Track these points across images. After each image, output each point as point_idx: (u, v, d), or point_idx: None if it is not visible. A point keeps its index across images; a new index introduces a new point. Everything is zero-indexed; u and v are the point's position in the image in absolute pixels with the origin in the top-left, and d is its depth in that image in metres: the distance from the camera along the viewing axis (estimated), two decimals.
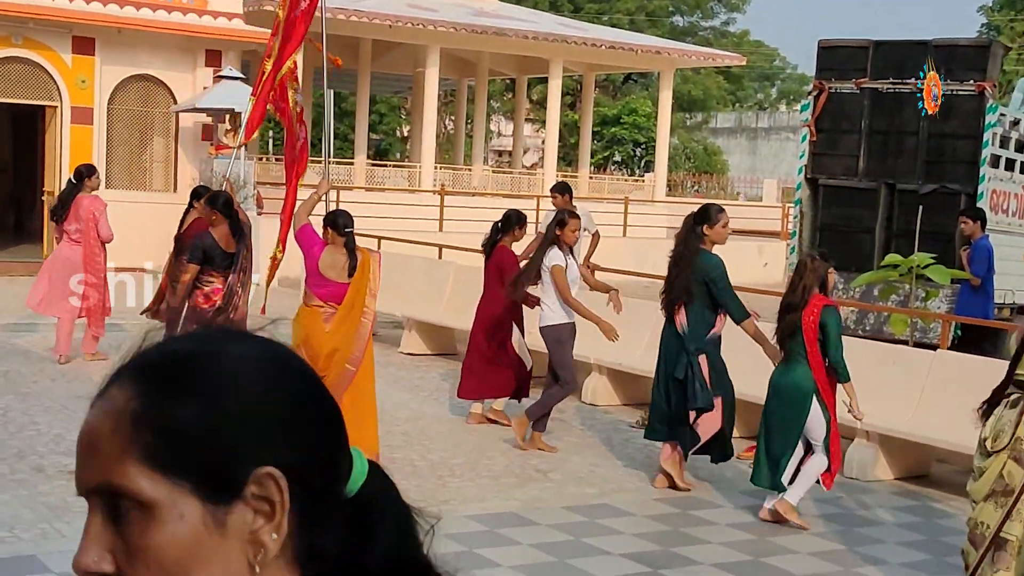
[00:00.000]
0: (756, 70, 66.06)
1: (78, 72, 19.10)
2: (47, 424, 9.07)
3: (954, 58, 12.80)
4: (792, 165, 61.21)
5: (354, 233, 8.39)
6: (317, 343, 7.95)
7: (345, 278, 8.12)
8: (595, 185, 30.74)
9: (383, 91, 39.64)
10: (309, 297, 8.20)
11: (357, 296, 8.07)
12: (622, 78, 52.13)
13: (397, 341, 13.78)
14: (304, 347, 7.91)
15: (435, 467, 8.47)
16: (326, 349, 7.96)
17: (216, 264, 9.30)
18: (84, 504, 4.64)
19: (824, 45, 13.67)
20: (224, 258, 9.32)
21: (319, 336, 8.00)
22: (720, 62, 32.09)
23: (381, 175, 28.32)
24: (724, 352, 8.22)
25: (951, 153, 12.79)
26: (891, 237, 13.13)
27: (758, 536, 7.29)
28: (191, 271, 9.22)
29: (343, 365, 8.00)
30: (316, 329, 8.02)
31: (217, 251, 9.29)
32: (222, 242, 9.31)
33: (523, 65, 30.55)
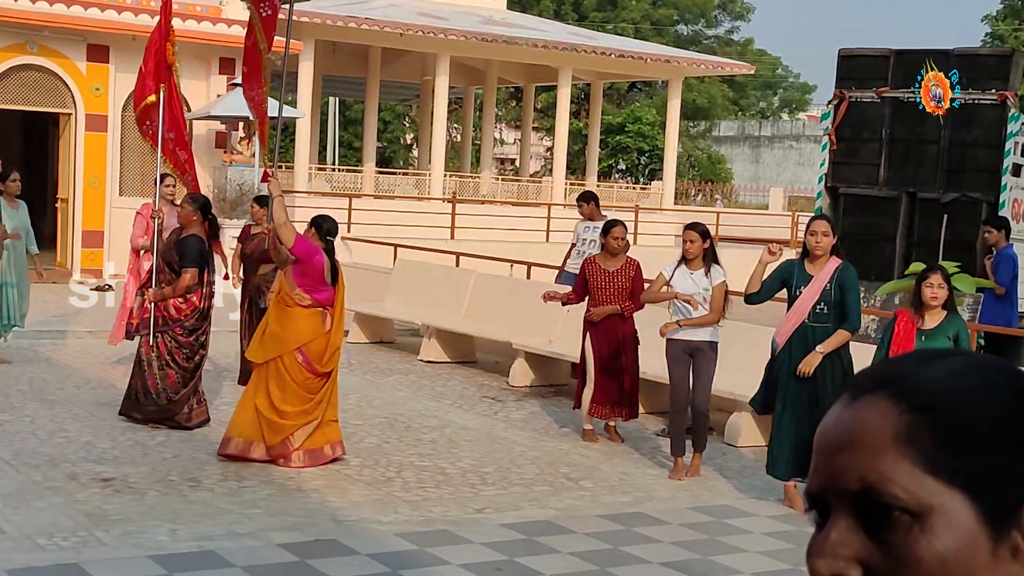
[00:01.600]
0: (759, 78, 66.09)
1: (92, 80, 19.11)
2: (76, 432, 9.05)
3: (975, 67, 12.81)
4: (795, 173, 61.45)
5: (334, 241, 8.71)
6: (322, 343, 8.40)
7: (331, 282, 8.48)
8: (603, 193, 30.70)
9: (389, 99, 39.63)
10: (302, 298, 8.38)
11: (344, 297, 8.62)
12: (627, 86, 52.17)
13: (416, 349, 13.77)
14: (307, 347, 8.33)
15: (466, 475, 8.45)
16: (331, 348, 8.45)
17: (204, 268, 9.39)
18: (123, 513, 4.67)
19: (844, 54, 13.68)
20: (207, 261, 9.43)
21: (322, 337, 8.42)
22: (728, 71, 32.11)
23: (389, 183, 28.32)
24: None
25: (972, 162, 12.79)
26: (911, 246, 13.13)
27: (797, 545, 7.27)
28: (195, 275, 9.21)
29: (337, 360, 8.61)
30: (319, 331, 8.40)
31: (208, 253, 9.39)
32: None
33: (531, 73, 30.58)
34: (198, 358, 9.34)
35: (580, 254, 12.57)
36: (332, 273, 8.51)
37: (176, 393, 9.23)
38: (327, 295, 8.42)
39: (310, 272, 8.36)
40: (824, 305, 7.79)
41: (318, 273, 8.35)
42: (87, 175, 19.24)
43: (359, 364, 13.08)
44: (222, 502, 7.41)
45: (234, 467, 8.28)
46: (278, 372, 8.34)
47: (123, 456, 8.41)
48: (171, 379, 9.24)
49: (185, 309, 9.25)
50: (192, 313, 9.27)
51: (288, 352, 8.34)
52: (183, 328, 9.26)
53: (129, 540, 6.57)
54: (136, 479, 7.81)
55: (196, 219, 9.32)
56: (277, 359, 8.36)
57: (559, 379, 12.34)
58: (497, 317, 13.13)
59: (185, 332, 9.26)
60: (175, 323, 9.25)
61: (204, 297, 9.33)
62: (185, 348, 9.27)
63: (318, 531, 6.92)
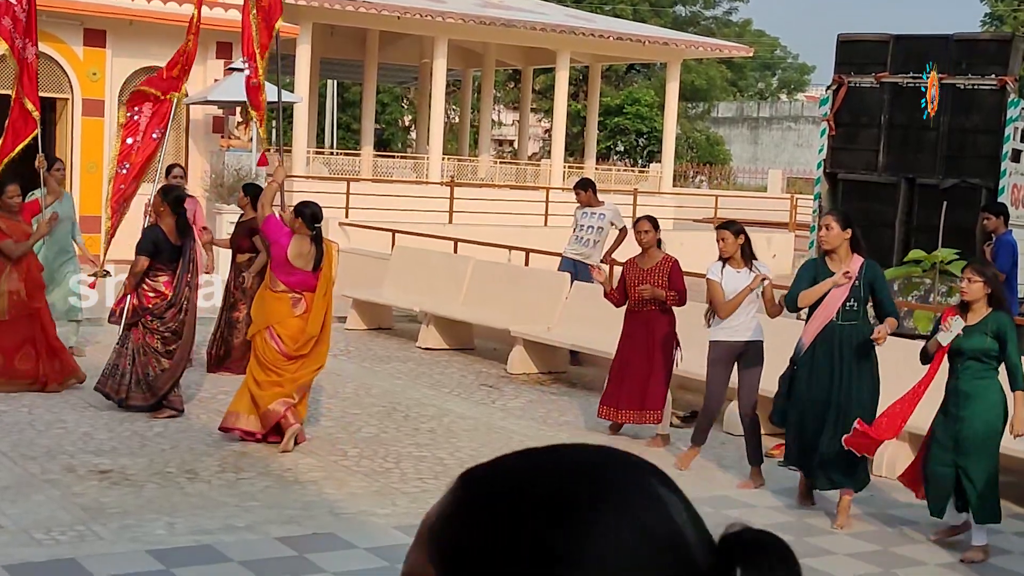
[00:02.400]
0: (757, 60, 65.92)
1: (89, 64, 19.03)
2: (74, 422, 9.03)
3: (975, 52, 12.76)
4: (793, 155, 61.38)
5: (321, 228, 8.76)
6: (295, 327, 8.55)
7: (310, 267, 8.57)
8: (601, 176, 30.66)
9: (387, 81, 39.50)
10: (274, 283, 8.60)
11: (327, 285, 8.65)
12: (625, 68, 52.02)
13: (414, 335, 13.75)
14: (276, 329, 8.52)
15: (464, 466, 8.32)
16: (309, 334, 8.57)
17: (163, 257, 9.39)
18: (120, 506, 4.68)
19: (843, 39, 13.62)
20: (172, 252, 9.41)
21: (291, 321, 8.56)
22: (727, 53, 32.01)
23: (387, 166, 28.25)
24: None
25: (971, 148, 12.75)
26: (911, 232, 13.10)
27: (795, 537, 7.26)
28: (142, 264, 9.32)
29: (325, 347, 8.75)
30: (287, 314, 8.56)
31: (166, 244, 9.38)
32: (170, 235, 9.41)
33: (529, 56, 30.48)
34: (173, 347, 9.38)
35: (578, 240, 12.56)
36: (318, 260, 8.61)
37: (159, 379, 9.36)
38: (298, 279, 8.57)
39: (275, 254, 8.62)
40: (855, 302, 7.55)
41: (281, 256, 8.54)
42: (84, 160, 19.19)
43: (357, 351, 13.07)
44: (219, 494, 7.40)
45: (232, 458, 8.27)
46: (255, 349, 8.70)
47: (121, 447, 8.39)
48: (152, 366, 9.36)
49: (154, 299, 9.37)
50: (161, 303, 9.37)
51: (260, 331, 8.64)
52: (152, 316, 9.37)
53: (126, 534, 6.56)
54: (134, 471, 7.80)
55: (163, 211, 9.41)
56: (256, 336, 8.70)
57: (558, 367, 12.32)
58: (495, 304, 13.11)
59: (154, 319, 9.37)
60: (144, 311, 9.37)
61: (177, 289, 9.39)
62: (157, 335, 9.35)
63: (316, 524, 6.91)
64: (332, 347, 13.16)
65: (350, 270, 16.78)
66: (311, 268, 8.59)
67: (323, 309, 8.67)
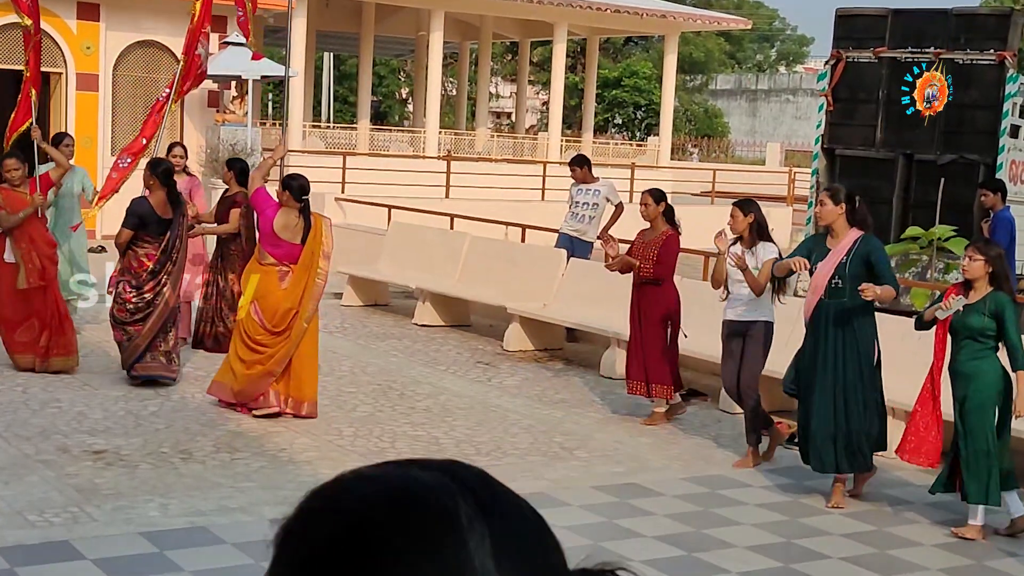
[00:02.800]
0: (756, 31, 65.66)
1: (83, 38, 18.92)
2: (69, 401, 9.01)
3: (974, 27, 12.68)
4: (791, 127, 61.19)
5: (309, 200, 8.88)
6: (275, 300, 8.66)
7: (299, 240, 8.67)
8: (599, 150, 30.58)
9: (384, 54, 39.35)
10: (263, 256, 8.74)
11: (312, 258, 8.69)
12: (623, 40, 51.80)
13: (410, 312, 13.71)
14: (259, 302, 8.64)
15: (460, 445, 8.42)
16: (284, 307, 8.64)
17: (151, 230, 9.43)
18: (115, 488, 4.66)
19: (841, 14, 13.53)
20: (159, 224, 9.45)
21: (276, 294, 8.68)
22: (725, 26, 31.86)
23: (384, 140, 28.15)
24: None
25: (970, 123, 12.69)
26: (908, 208, 13.05)
27: (790, 517, 7.26)
28: (124, 235, 9.40)
29: (300, 322, 8.67)
30: (272, 287, 8.68)
31: (153, 217, 9.42)
32: (158, 208, 9.46)
33: (526, 28, 30.33)
34: (140, 316, 9.42)
35: (574, 216, 12.51)
36: (304, 232, 8.70)
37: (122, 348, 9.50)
38: (284, 251, 8.68)
39: (262, 227, 8.72)
40: (839, 280, 7.42)
41: (268, 228, 8.66)
42: (79, 135, 19.02)
43: (353, 328, 13.04)
44: (214, 475, 7.38)
45: (227, 438, 8.25)
46: (241, 324, 8.79)
47: (115, 427, 8.37)
48: (116, 333, 9.52)
49: (138, 268, 9.44)
50: (142, 272, 9.43)
51: (246, 306, 8.74)
52: (130, 286, 9.43)
53: (120, 516, 6.54)
54: (128, 451, 7.78)
55: (153, 183, 9.45)
56: (242, 311, 8.82)
57: (554, 343, 12.30)
58: (492, 281, 13.07)
59: (132, 290, 9.42)
60: (123, 278, 9.46)
61: (159, 259, 9.44)
62: (129, 305, 9.40)
63: None
64: (328, 324, 13.18)
65: (346, 246, 16.74)
66: (299, 241, 8.68)
67: (303, 281, 8.70)
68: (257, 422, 8.71)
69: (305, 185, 8.77)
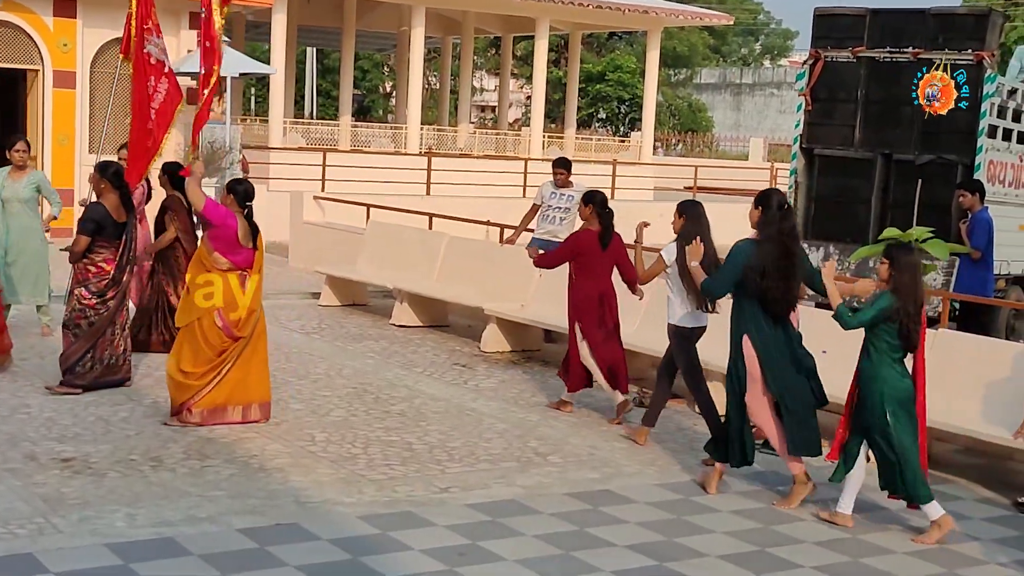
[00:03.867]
0: (740, 25, 65.67)
1: (60, 35, 18.78)
2: (38, 407, 8.92)
3: (952, 27, 12.65)
4: (776, 121, 61.19)
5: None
6: (240, 305, 8.61)
7: (251, 244, 8.68)
8: (581, 145, 30.53)
9: (366, 48, 39.24)
10: (220, 263, 8.61)
11: (262, 260, 8.78)
12: (607, 34, 51.73)
13: (389, 312, 13.65)
14: (225, 310, 8.57)
15: (433, 451, 8.37)
16: (246, 311, 8.65)
17: (108, 234, 9.35)
18: (81, 497, 4.58)
19: (820, 13, 13.50)
20: (115, 228, 9.37)
21: (238, 299, 8.63)
22: (708, 21, 31.83)
23: (366, 135, 28.05)
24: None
25: (948, 123, 12.66)
26: (887, 208, 13.04)
27: (763, 524, 7.23)
28: (83, 243, 9.28)
29: (258, 322, 8.77)
30: (236, 293, 8.64)
31: (109, 221, 9.34)
32: (114, 212, 9.38)
33: (509, 23, 30.26)
34: (98, 320, 9.34)
35: (546, 219, 12.43)
36: (252, 236, 8.68)
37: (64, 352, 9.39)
38: (244, 257, 8.65)
39: (224, 236, 8.59)
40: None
41: (232, 237, 8.58)
42: (56, 133, 18.97)
43: (330, 329, 12.97)
44: (183, 483, 7.31)
45: (197, 444, 8.18)
46: (193, 334, 8.60)
47: (85, 433, 8.29)
48: (65, 340, 9.38)
49: (97, 274, 9.33)
50: (102, 280, 9.33)
51: (207, 314, 8.57)
52: (89, 291, 9.32)
53: (86, 527, 6.46)
54: (96, 459, 7.69)
55: (104, 187, 9.35)
56: (196, 321, 8.59)
57: (531, 345, 12.25)
58: (470, 281, 13.02)
59: (93, 296, 9.33)
60: (83, 284, 9.33)
61: (119, 267, 9.36)
62: (89, 311, 9.32)
63: (279, 514, 6.83)
64: (305, 325, 13.14)
65: (325, 245, 16.69)
66: (251, 245, 8.69)
67: (260, 284, 8.79)
68: (228, 427, 8.63)
69: (250, 191, 8.73)
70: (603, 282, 9.41)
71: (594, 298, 9.39)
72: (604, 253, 9.35)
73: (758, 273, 7.38)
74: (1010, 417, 8.14)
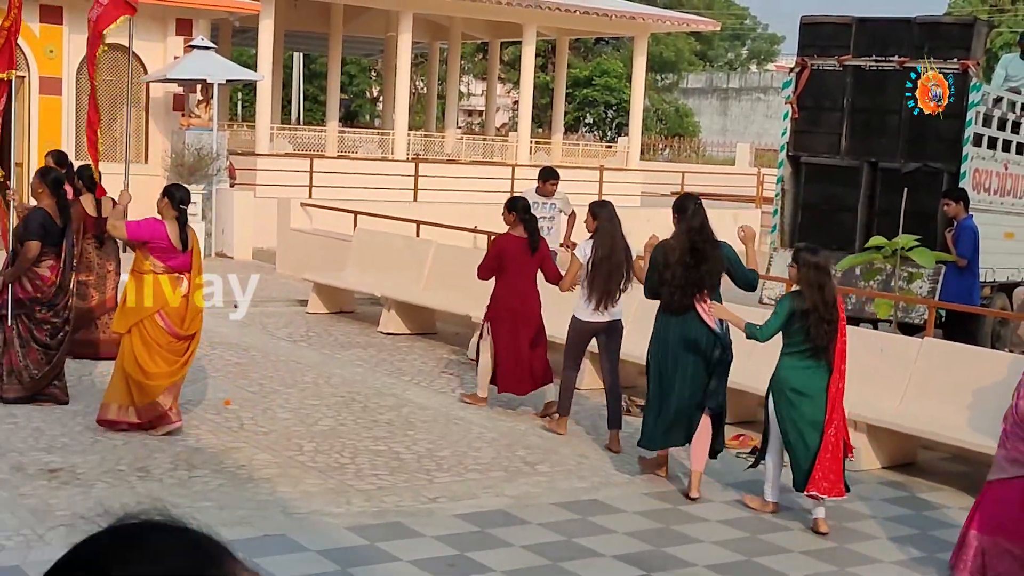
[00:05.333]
0: (726, 30, 65.79)
1: (46, 42, 18.75)
2: (25, 416, 8.90)
3: (938, 36, 12.70)
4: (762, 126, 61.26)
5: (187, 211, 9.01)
6: (181, 307, 8.70)
7: (183, 248, 8.77)
8: (569, 150, 30.55)
9: (353, 53, 39.21)
10: (156, 266, 8.71)
11: (198, 261, 8.91)
12: (593, 39, 51.78)
13: (376, 320, 13.65)
14: (165, 311, 8.65)
15: (421, 460, 8.37)
16: (191, 312, 8.74)
17: (51, 240, 9.32)
18: (68, 508, 4.56)
19: (806, 22, 13.54)
20: (57, 235, 9.35)
21: (177, 301, 8.72)
22: (694, 27, 31.89)
23: (353, 141, 28.03)
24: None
25: (934, 132, 12.71)
26: (873, 215, 13.07)
27: (750, 534, 7.25)
28: (35, 248, 9.20)
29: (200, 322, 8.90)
30: (176, 295, 8.74)
31: (53, 227, 9.32)
32: (54, 218, 9.36)
33: (496, 29, 30.26)
34: (62, 335, 9.31)
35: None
36: (184, 241, 8.78)
37: (39, 370, 9.24)
38: (180, 261, 8.76)
39: (156, 244, 8.70)
40: None
41: (164, 242, 8.70)
42: (42, 139, 18.92)
43: (318, 337, 12.97)
44: (171, 494, 7.30)
45: (185, 454, 8.17)
46: (143, 336, 8.65)
47: (72, 444, 8.28)
48: (33, 356, 9.25)
49: (42, 286, 9.25)
50: (49, 288, 9.26)
51: (149, 317, 8.64)
52: (41, 305, 9.25)
53: (73, 539, 6.39)
54: (84, 469, 7.68)
55: (42, 192, 9.33)
56: (139, 324, 8.64)
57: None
58: (458, 288, 13.01)
59: (44, 308, 9.25)
60: (32, 301, 9.24)
61: (61, 272, 9.31)
62: (46, 325, 9.26)
63: (268, 525, 6.83)
64: (293, 332, 13.15)
65: (312, 252, 16.68)
66: (184, 249, 8.80)
67: (200, 285, 8.91)
68: (216, 437, 8.64)
69: (185, 197, 8.88)
70: (525, 284, 9.77)
71: (514, 301, 9.73)
72: (532, 258, 9.74)
73: (661, 266, 7.90)
74: (996, 425, 8.14)
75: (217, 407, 9.51)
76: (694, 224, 7.87)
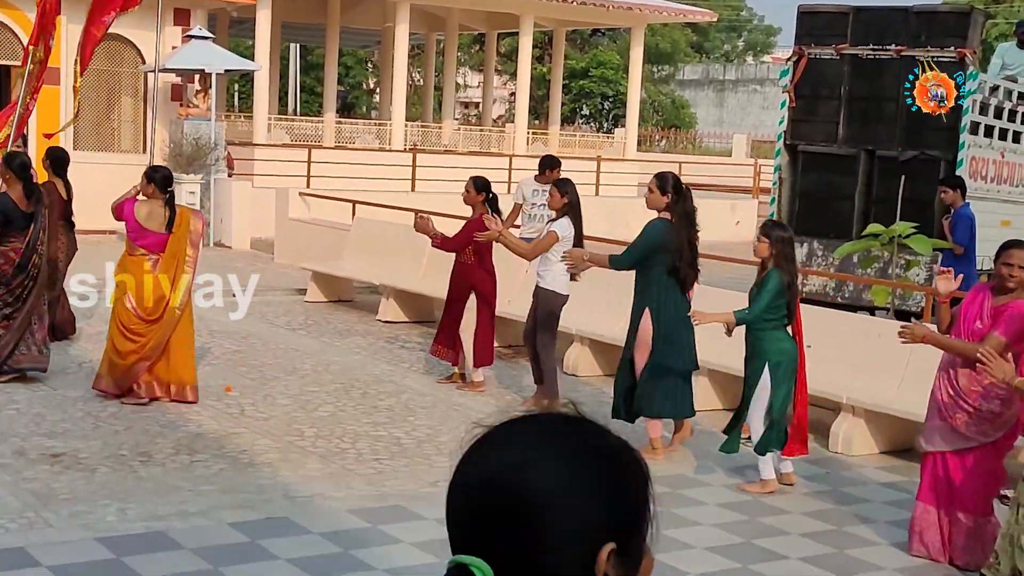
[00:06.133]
0: (723, 22, 65.77)
1: None
2: (27, 402, 8.93)
3: (935, 25, 12.74)
4: (759, 117, 61.30)
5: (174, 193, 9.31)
6: (146, 289, 8.97)
7: (164, 229, 9.03)
8: (565, 141, 30.58)
9: (350, 45, 39.20)
10: (132, 247, 9.08)
11: (179, 247, 9.06)
12: (590, 31, 51.77)
13: (375, 308, 13.68)
14: (132, 293, 8.94)
15: (421, 445, 8.42)
16: (156, 294, 8.97)
17: (16, 225, 9.45)
18: (71, 491, 4.63)
19: (804, 10, 13.57)
20: (23, 219, 9.47)
21: (147, 282, 8.98)
22: (691, 18, 31.91)
23: (350, 131, 28.04)
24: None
25: (931, 120, 12.75)
26: (870, 204, 13.12)
27: (750, 516, 7.30)
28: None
29: (173, 309, 9.02)
30: (142, 277, 8.98)
31: (17, 213, 9.44)
32: (20, 204, 9.48)
33: (493, 20, 30.27)
34: (11, 311, 9.39)
35: (532, 217, 12.48)
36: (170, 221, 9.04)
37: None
38: (151, 240, 9.02)
39: (129, 227, 9.05)
40: None
41: (132, 222, 9.01)
42: (40, 129, 18.91)
43: (316, 325, 13.00)
44: (173, 478, 7.34)
45: (187, 439, 8.21)
46: (116, 315, 9.04)
47: (74, 429, 8.31)
48: None
49: (4, 264, 9.38)
50: (8, 268, 9.38)
51: (119, 298, 9.01)
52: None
53: (77, 521, 6.49)
54: (86, 454, 7.72)
55: (9, 178, 9.48)
56: (117, 303, 9.04)
57: (518, 340, 12.28)
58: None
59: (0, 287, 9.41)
60: None
61: (25, 252, 9.41)
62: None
63: (270, 508, 6.87)
64: (291, 321, 13.15)
65: (310, 241, 16.71)
66: (165, 230, 9.03)
67: (172, 269, 9.01)
68: (218, 422, 8.69)
69: (168, 177, 9.14)
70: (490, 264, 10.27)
71: (493, 278, 10.22)
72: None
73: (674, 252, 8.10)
74: None
75: (218, 393, 9.55)
76: (689, 208, 8.24)
